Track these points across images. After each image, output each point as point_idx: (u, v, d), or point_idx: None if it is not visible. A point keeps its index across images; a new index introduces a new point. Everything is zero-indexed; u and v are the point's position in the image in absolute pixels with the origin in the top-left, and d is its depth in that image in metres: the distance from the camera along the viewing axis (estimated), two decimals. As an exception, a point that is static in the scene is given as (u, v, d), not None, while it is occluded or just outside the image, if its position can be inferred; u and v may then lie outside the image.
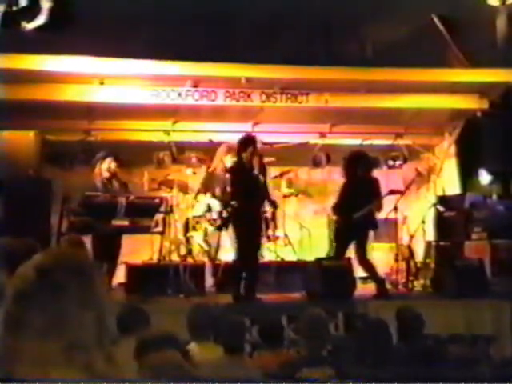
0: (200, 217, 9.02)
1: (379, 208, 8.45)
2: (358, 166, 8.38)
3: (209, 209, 8.82)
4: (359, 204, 8.19)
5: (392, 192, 8.88)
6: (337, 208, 8.52)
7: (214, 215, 8.71)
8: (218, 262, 8.83)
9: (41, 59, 8.45)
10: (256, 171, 7.72)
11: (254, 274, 7.76)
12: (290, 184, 10.47)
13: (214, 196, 8.72)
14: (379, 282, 8.23)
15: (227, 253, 8.82)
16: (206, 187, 8.93)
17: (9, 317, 1.46)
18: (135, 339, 4.27)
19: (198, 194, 9.00)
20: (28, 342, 1.43)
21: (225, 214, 8.29)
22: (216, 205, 8.75)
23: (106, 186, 8.10)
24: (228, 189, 8.18)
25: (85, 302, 1.48)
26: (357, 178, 8.35)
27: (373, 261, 8.41)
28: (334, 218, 8.76)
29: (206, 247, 8.91)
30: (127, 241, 8.35)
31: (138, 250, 9.01)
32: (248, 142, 7.82)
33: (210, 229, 8.93)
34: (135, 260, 8.79)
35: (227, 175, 8.42)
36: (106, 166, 8.14)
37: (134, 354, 3.07)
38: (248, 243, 7.69)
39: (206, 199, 8.87)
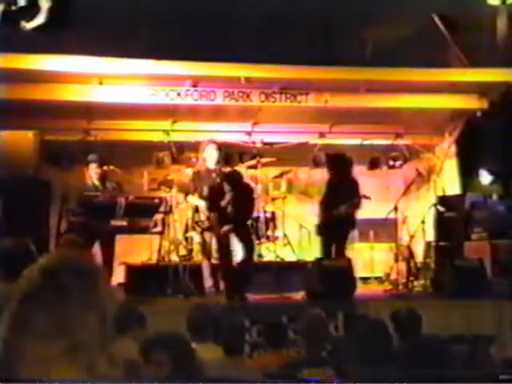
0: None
1: (356, 207, 8.66)
2: (337, 167, 8.79)
3: (196, 210, 8.70)
4: (339, 203, 8.51)
5: (364, 197, 8.87)
6: (321, 204, 8.83)
7: (202, 216, 8.58)
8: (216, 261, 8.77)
9: (40, 59, 8.44)
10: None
11: (241, 275, 7.87)
12: (289, 185, 10.45)
13: (200, 196, 8.61)
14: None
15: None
16: (194, 187, 8.81)
17: (14, 318, 1.47)
18: (136, 338, 4.24)
19: (187, 194, 8.90)
20: (32, 343, 1.44)
21: (212, 216, 8.25)
22: (203, 205, 8.60)
23: (97, 189, 8.06)
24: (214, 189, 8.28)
25: (89, 304, 1.49)
26: (337, 178, 8.73)
27: (352, 260, 8.47)
28: (318, 213, 8.94)
29: (200, 241, 8.78)
30: (126, 241, 8.33)
31: (137, 250, 8.99)
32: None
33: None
34: (134, 260, 8.76)
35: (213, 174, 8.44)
36: (92, 171, 8.12)
37: (139, 352, 3.06)
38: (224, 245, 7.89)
39: (195, 200, 8.75)
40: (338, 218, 8.50)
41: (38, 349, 1.44)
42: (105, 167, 8.25)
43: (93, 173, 8.13)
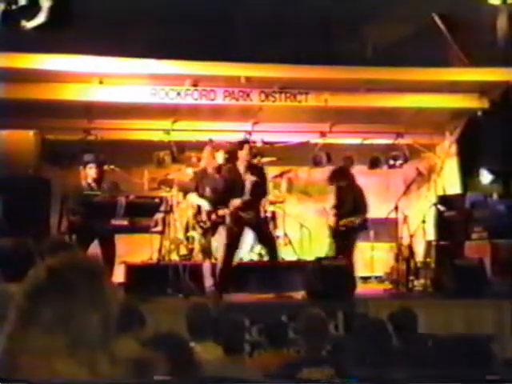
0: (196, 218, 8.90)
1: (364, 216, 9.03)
2: (339, 179, 9.15)
3: (199, 210, 8.73)
4: (347, 212, 8.92)
5: None
6: (331, 209, 9.11)
7: (204, 216, 8.60)
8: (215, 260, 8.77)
9: (40, 58, 8.45)
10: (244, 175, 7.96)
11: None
12: (290, 184, 10.44)
13: (203, 196, 8.62)
14: None
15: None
16: (197, 185, 8.82)
17: (19, 314, 1.49)
18: (134, 338, 4.24)
19: (186, 193, 8.92)
20: (36, 338, 1.46)
21: (214, 217, 8.27)
22: (206, 205, 8.62)
23: (92, 188, 8.02)
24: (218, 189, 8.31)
25: (93, 303, 1.51)
26: (342, 187, 9.10)
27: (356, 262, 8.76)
28: (332, 219, 9.08)
29: (201, 240, 8.80)
30: (126, 240, 8.33)
31: (137, 249, 9.00)
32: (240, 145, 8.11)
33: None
34: (135, 260, 8.77)
35: (216, 175, 8.47)
36: (89, 171, 8.05)
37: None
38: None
39: (196, 199, 8.76)
40: (348, 225, 8.89)
41: (42, 345, 1.45)
42: (105, 167, 8.23)
43: (90, 173, 8.05)
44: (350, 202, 8.96)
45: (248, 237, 8.77)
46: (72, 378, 1.45)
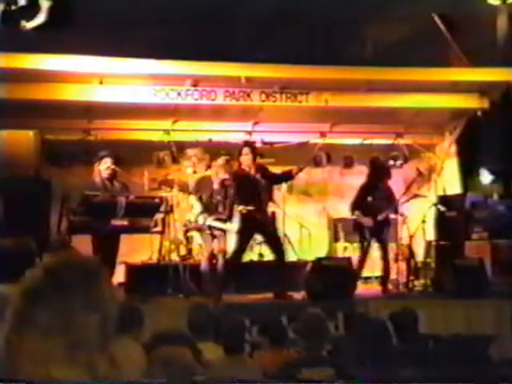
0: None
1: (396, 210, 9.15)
2: (383, 174, 9.14)
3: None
4: (378, 206, 8.84)
5: (415, 196, 9.39)
6: (357, 206, 8.96)
7: (192, 217, 8.65)
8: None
9: (40, 58, 8.44)
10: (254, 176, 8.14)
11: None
12: (290, 184, 10.42)
13: (199, 199, 8.65)
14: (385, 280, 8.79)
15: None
16: (198, 188, 8.84)
17: (16, 316, 1.48)
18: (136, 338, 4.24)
19: (190, 193, 8.96)
20: (33, 340, 1.45)
21: (200, 220, 8.31)
22: (197, 208, 8.65)
23: (105, 187, 8.03)
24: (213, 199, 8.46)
25: (91, 304, 1.51)
26: (377, 183, 9.05)
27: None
28: (356, 216, 9.01)
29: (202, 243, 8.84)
30: (126, 240, 8.32)
31: (137, 249, 9.00)
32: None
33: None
34: (135, 260, 8.77)
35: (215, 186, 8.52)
36: (103, 167, 8.07)
37: (145, 349, 3.07)
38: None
39: (193, 201, 8.79)
40: (380, 221, 8.84)
41: (40, 347, 1.45)
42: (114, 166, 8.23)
43: (104, 169, 8.05)
44: (383, 200, 8.99)
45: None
46: (71, 378, 1.44)
